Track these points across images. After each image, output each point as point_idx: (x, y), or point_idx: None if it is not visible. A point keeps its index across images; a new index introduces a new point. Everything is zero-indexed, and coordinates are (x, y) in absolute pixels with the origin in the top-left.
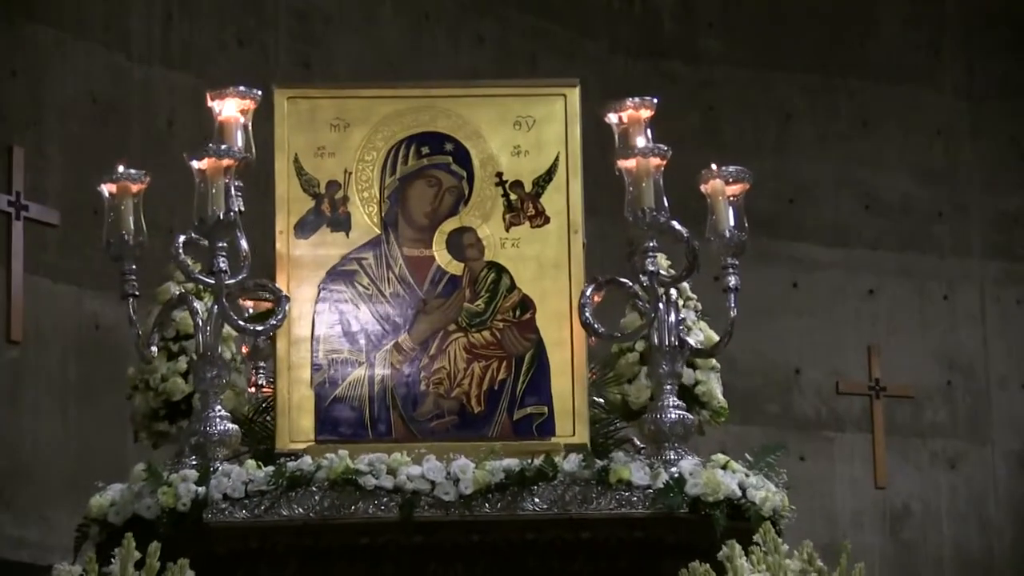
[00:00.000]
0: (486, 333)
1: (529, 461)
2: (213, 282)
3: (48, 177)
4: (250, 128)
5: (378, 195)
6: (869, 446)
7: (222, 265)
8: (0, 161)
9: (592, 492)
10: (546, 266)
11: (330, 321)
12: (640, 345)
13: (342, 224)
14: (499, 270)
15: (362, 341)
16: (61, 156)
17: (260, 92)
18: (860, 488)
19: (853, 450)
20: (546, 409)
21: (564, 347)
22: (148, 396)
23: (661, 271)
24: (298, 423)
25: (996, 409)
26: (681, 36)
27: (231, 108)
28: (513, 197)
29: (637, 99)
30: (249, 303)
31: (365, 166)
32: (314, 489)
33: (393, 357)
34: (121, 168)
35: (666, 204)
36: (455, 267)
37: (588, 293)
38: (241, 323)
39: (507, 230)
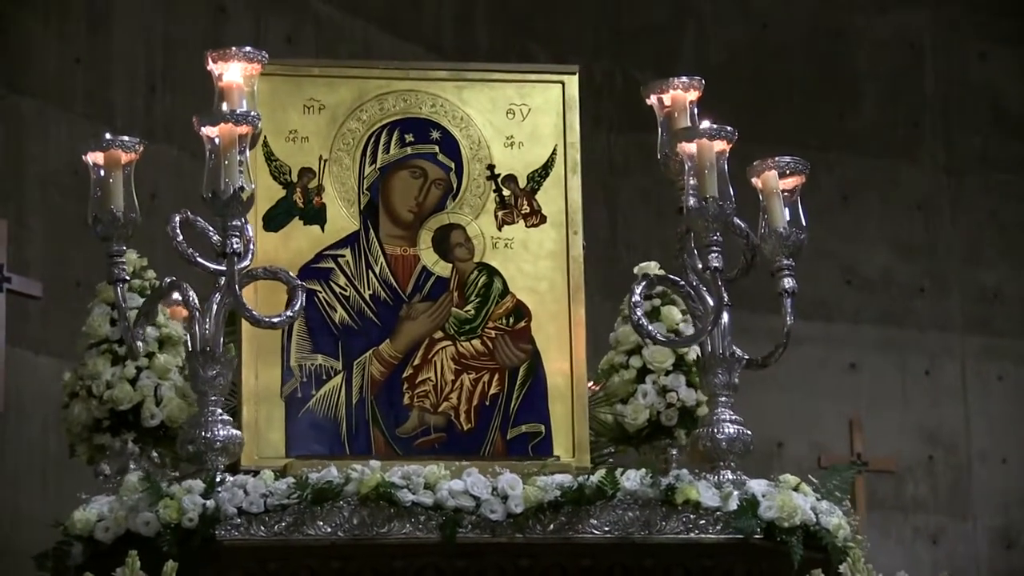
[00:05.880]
0: (476, 342)
1: (586, 478)
2: (223, 268)
3: (30, 249)
4: (256, 95)
5: (357, 186)
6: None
7: (236, 246)
8: None
9: (656, 514)
10: (542, 270)
11: (302, 324)
12: (636, 361)
13: (316, 216)
14: (491, 272)
15: (338, 348)
16: (43, 228)
17: (267, 55)
18: None
19: None
20: (543, 428)
21: (562, 359)
22: (90, 404)
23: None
24: (266, 437)
25: (977, 484)
26: None
27: (234, 72)
28: (506, 193)
29: (685, 79)
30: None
31: (342, 153)
32: (342, 504)
33: (373, 366)
34: (108, 135)
35: (732, 193)
36: (442, 268)
37: (639, 292)
38: (255, 314)
39: (499, 229)
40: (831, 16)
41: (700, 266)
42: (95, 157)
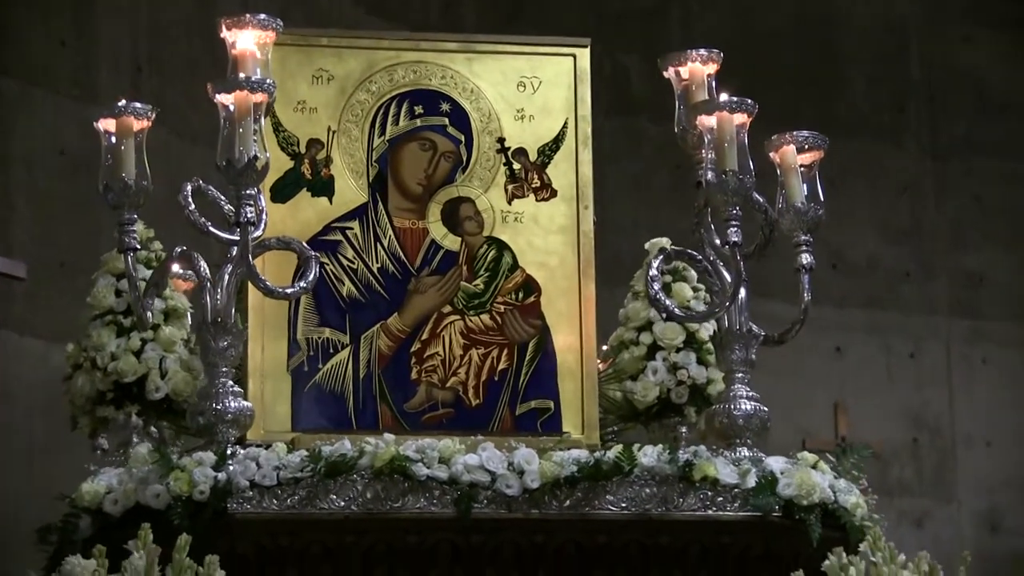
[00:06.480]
0: (485, 317)
1: (603, 453)
2: (236, 238)
3: (15, 230)
4: (270, 64)
5: (365, 158)
6: None
7: (249, 215)
8: None
9: (673, 491)
10: (552, 244)
11: (309, 297)
12: (646, 338)
13: (324, 188)
14: (500, 247)
15: (346, 321)
16: (28, 209)
17: (281, 23)
18: None
19: None
20: (552, 404)
21: (572, 335)
22: (94, 377)
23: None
24: (273, 410)
25: (962, 467)
26: (649, 95)
27: (247, 40)
28: (516, 166)
29: (703, 51)
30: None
31: (351, 125)
32: (356, 478)
33: (381, 340)
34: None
35: (751, 167)
36: (451, 241)
37: (656, 266)
38: (268, 284)
39: (509, 202)
40: (817, 1)
41: (717, 241)
42: (107, 124)
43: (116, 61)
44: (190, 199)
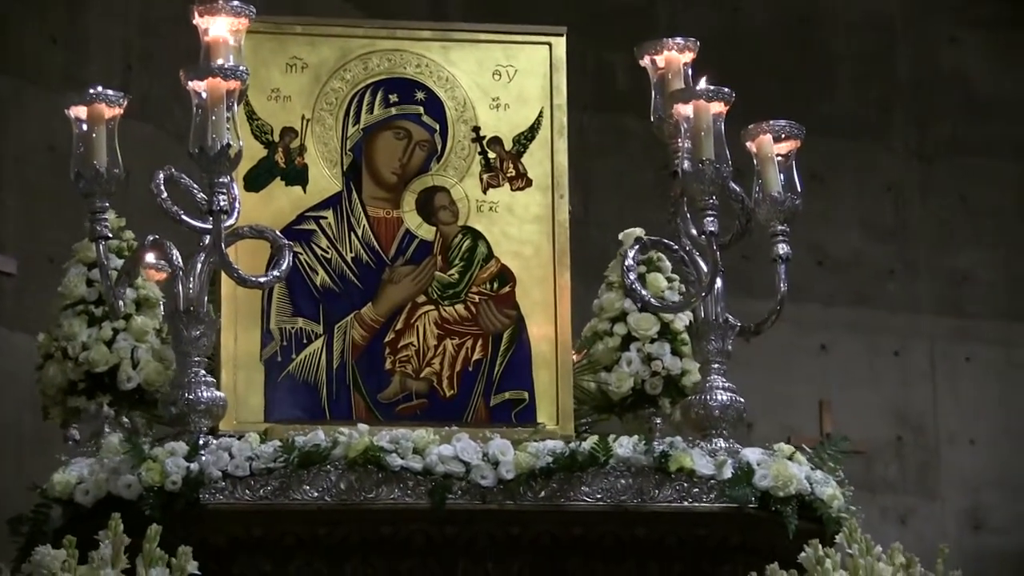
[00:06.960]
0: (460, 307)
1: (578, 444)
2: (209, 226)
3: (5, 226)
4: (243, 51)
5: (339, 147)
6: None
7: (222, 203)
8: None
9: (649, 482)
10: (528, 234)
11: (283, 287)
12: (620, 328)
13: (298, 177)
14: (475, 236)
15: (319, 311)
16: (18, 205)
17: (255, 10)
18: None
19: None
20: (526, 395)
21: (547, 325)
22: (66, 367)
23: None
24: (246, 401)
25: (945, 465)
26: (635, 91)
27: (220, 27)
28: (491, 155)
29: (680, 40)
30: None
31: (325, 113)
32: (329, 468)
33: (354, 330)
34: (96, 89)
35: (728, 156)
36: (426, 231)
37: (632, 255)
38: (242, 273)
39: (484, 192)
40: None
41: (693, 231)
42: (78, 111)
43: (107, 58)
44: (162, 187)
